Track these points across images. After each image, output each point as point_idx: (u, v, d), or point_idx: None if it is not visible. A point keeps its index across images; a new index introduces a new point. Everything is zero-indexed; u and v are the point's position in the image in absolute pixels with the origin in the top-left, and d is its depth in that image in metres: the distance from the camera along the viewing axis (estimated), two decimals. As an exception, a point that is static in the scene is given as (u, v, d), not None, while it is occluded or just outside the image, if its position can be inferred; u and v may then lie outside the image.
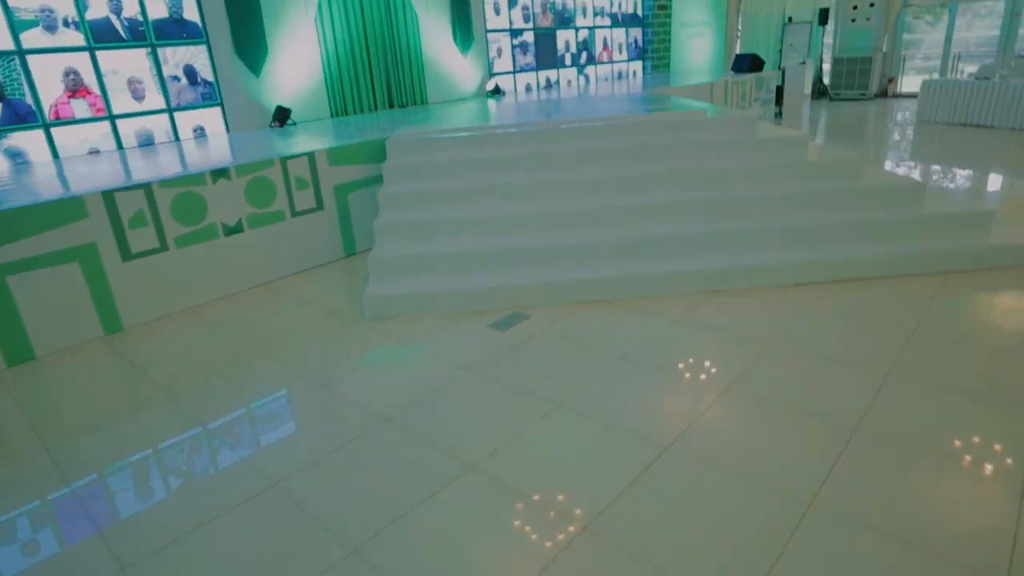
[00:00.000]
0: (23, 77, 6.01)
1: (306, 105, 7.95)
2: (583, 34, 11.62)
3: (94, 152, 6.49)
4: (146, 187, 4.46)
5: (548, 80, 11.12)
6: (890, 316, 3.77)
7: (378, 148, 5.67)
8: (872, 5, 13.92)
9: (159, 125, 6.90)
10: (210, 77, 7.16)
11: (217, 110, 7.28)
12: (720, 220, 4.69)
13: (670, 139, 5.41)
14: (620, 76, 12.59)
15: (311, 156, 5.32)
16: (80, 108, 6.38)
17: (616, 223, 4.70)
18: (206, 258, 4.80)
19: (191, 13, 6.94)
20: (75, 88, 6.31)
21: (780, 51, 14.11)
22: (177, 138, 7.03)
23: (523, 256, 4.47)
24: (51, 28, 6.11)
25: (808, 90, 11.29)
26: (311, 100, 8.00)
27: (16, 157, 6.08)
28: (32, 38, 6.02)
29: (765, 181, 5.00)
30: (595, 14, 11.79)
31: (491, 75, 10.14)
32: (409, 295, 4.26)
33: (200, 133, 7.20)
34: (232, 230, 4.93)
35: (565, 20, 11.23)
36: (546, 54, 10.97)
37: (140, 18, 6.59)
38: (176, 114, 6.99)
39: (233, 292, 4.97)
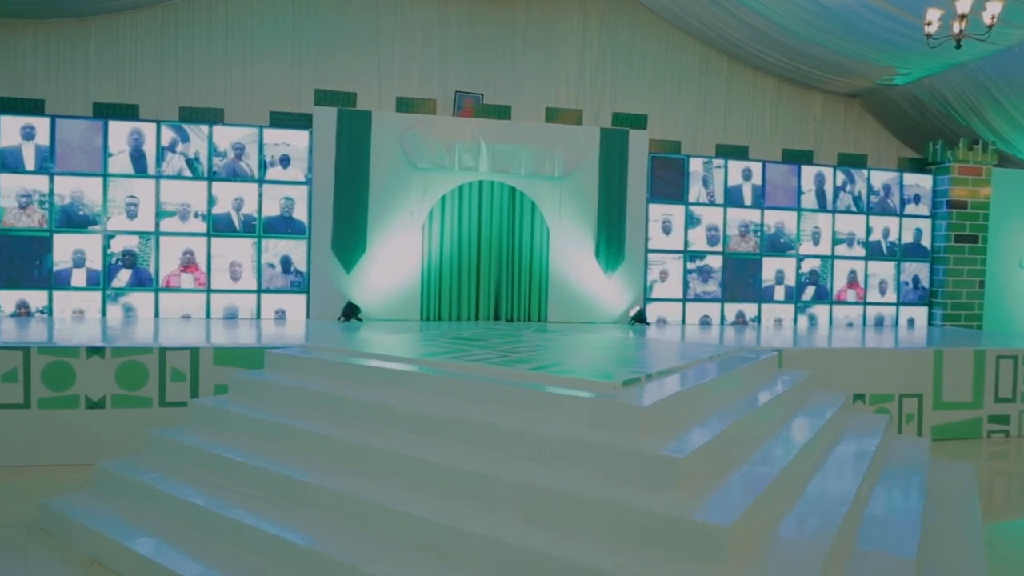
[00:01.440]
0: (153, 252, 7.71)
1: (395, 305, 8.12)
2: (811, 263, 9.28)
3: (185, 317, 7.77)
4: (25, 350, 5.12)
5: (741, 315, 9.08)
6: None
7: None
8: None
9: (246, 303, 7.92)
10: (303, 268, 8.00)
11: (303, 297, 8.02)
12: None
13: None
14: (879, 322, 9.50)
15: (194, 352, 5.37)
16: (187, 281, 7.80)
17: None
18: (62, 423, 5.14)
19: (300, 212, 8.01)
20: (187, 265, 7.78)
21: None
22: (259, 316, 7.94)
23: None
24: (184, 218, 7.78)
25: None
26: (402, 300, 8.15)
27: (128, 311, 7.69)
28: (168, 224, 7.75)
29: None
30: (836, 241, 9.37)
31: (646, 301, 8.81)
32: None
33: (280, 316, 7.99)
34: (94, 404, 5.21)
35: (780, 246, 9.20)
36: (741, 283, 9.06)
37: (255, 215, 7.90)
38: (264, 296, 7.95)
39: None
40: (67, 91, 8.19)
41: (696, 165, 8.97)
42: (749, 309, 9.09)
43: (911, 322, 9.58)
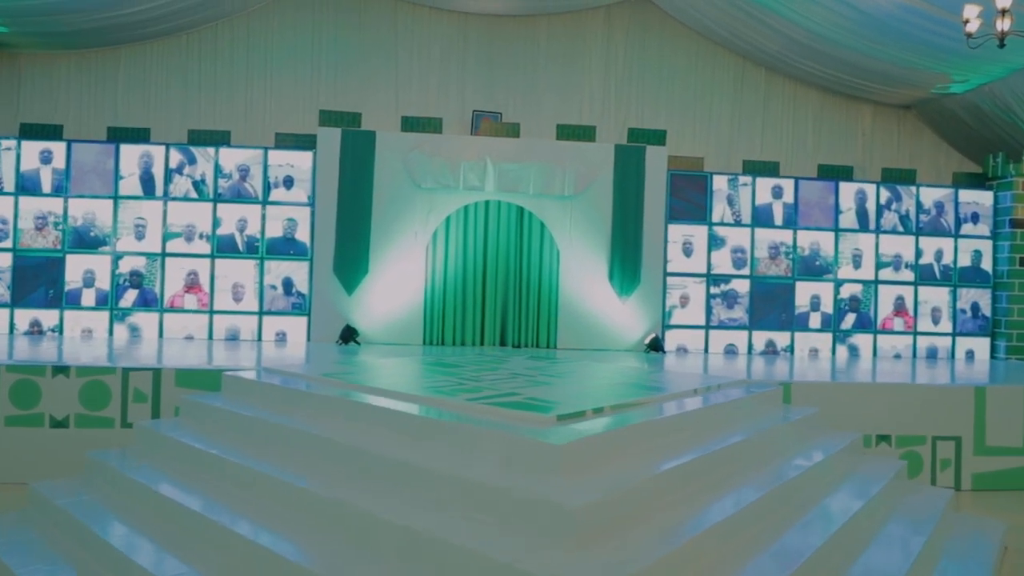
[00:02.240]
0: (159, 273, 7.83)
1: (397, 329, 7.92)
2: (851, 288, 8.53)
3: (188, 338, 7.81)
4: (-5, 368, 5.18)
5: (772, 344, 8.41)
6: None
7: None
8: None
9: (248, 324, 7.91)
10: (305, 289, 7.94)
11: (304, 319, 7.94)
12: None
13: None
14: (931, 354, 8.61)
15: (156, 372, 5.30)
16: (190, 301, 7.86)
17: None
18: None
19: (303, 234, 7.97)
20: (191, 285, 7.85)
21: None
22: (260, 338, 7.90)
23: None
24: (189, 239, 7.87)
25: None
26: (404, 325, 7.94)
27: (134, 331, 7.81)
28: (174, 245, 7.86)
29: None
30: (880, 264, 8.57)
31: (664, 327, 8.29)
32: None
33: (281, 338, 7.93)
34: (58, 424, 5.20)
35: (816, 269, 8.50)
36: (770, 309, 8.40)
37: (259, 236, 7.91)
38: (265, 317, 7.92)
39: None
40: (88, 117, 8.54)
41: (720, 183, 8.44)
42: (781, 338, 8.42)
43: (970, 354, 8.64)
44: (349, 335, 7.60)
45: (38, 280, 7.69)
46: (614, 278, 8.14)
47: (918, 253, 8.63)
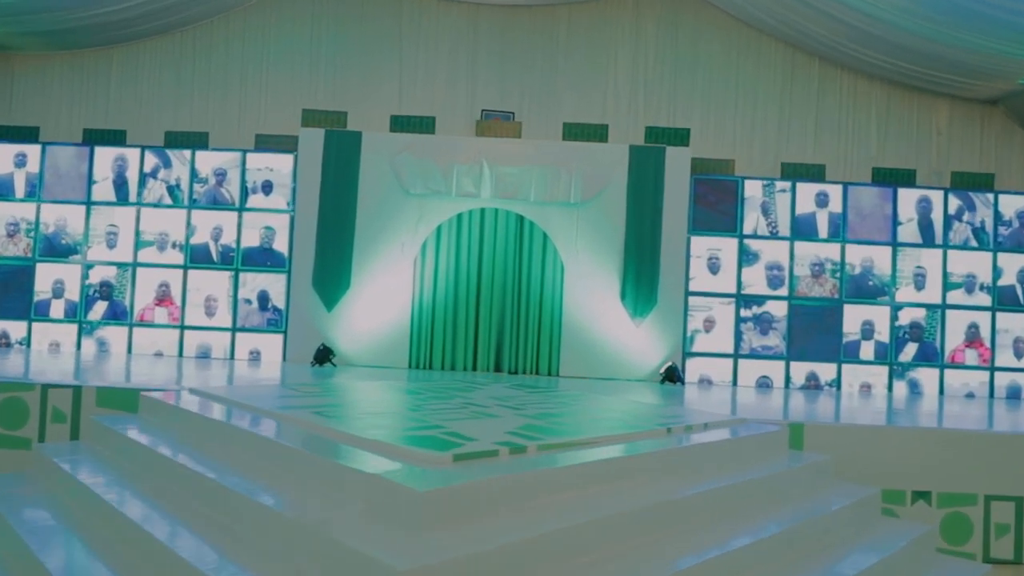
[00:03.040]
0: (129, 284, 7.85)
1: (381, 350, 7.65)
2: (911, 313, 7.75)
3: (158, 354, 7.78)
4: (-87, 382, 5.19)
5: (814, 377, 7.71)
6: None
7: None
8: None
9: (220, 341, 7.82)
10: (281, 304, 7.80)
11: (280, 337, 7.80)
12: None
13: None
14: (1014, 393, 7.70)
15: (77, 390, 5.18)
16: (161, 315, 7.85)
17: None
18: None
19: (281, 244, 7.86)
20: (162, 298, 7.84)
21: None
22: (232, 356, 7.80)
23: None
24: (162, 248, 7.88)
25: None
26: (389, 345, 7.67)
27: (101, 345, 7.84)
28: (146, 255, 7.88)
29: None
30: (949, 286, 7.77)
31: (685, 355, 7.73)
32: None
33: (255, 357, 7.80)
34: (-25, 445, 5.15)
35: (869, 291, 7.78)
36: (813, 337, 7.72)
37: (234, 246, 7.84)
38: (239, 334, 7.81)
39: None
40: (72, 118, 8.72)
41: (754, 189, 7.87)
42: (825, 370, 7.72)
43: (1068, 395, 7.71)
44: (324, 356, 7.39)
45: (8, 290, 7.82)
46: (627, 297, 7.66)
47: (996, 272, 7.78)
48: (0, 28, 8.14)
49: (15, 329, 7.82)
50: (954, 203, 7.86)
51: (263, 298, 7.79)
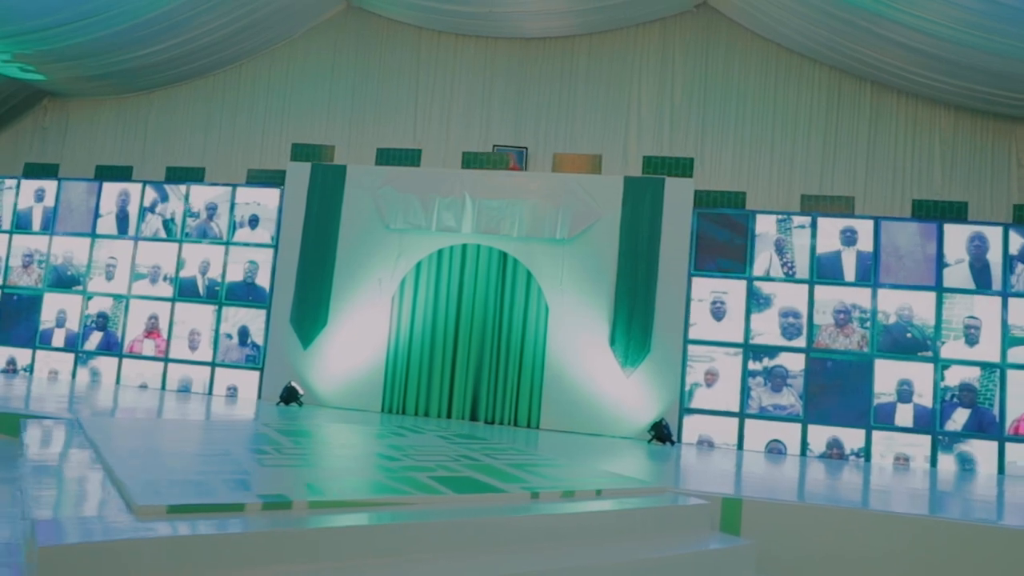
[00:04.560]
0: (122, 316, 8.00)
1: (354, 392, 7.31)
2: (961, 373, 6.46)
3: (142, 387, 7.82)
4: None
5: (837, 445, 6.57)
6: None
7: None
8: None
9: (201, 376, 7.75)
10: (260, 340, 7.65)
11: (256, 374, 7.62)
12: None
13: None
14: (1101, 480, 6.18)
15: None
16: (149, 347, 7.91)
17: None
18: None
19: (264, 278, 7.74)
20: (151, 330, 7.91)
21: None
22: (211, 392, 7.70)
23: None
24: (154, 281, 7.99)
25: None
26: (362, 387, 7.31)
27: (94, 375, 7.98)
28: (140, 287, 8.01)
29: None
30: (1011, 341, 6.42)
31: (683, 411, 6.83)
32: None
33: (232, 393, 7.66)
34: None
35: (907, 344, 6.58)
36: (836, 396, 6.60)
37: (219, 280, 7.82)
38: (218, 369, 7.72)
39: None
40: (77, 156, 8.98)
41: (767, 224, 6.96)
42: (851, 436, 6.57)
43: None
44: (291, 396, 7.13)
45: (19, 318, 8.17)
46: (616, 344, 6.92)
47: (1078, 326, 6.40)
48: (48, 76, 8.65)
49: (22, 356, 8.11)
50: (1017, 242, 6.58)
51: (243, 333, 7.68)
